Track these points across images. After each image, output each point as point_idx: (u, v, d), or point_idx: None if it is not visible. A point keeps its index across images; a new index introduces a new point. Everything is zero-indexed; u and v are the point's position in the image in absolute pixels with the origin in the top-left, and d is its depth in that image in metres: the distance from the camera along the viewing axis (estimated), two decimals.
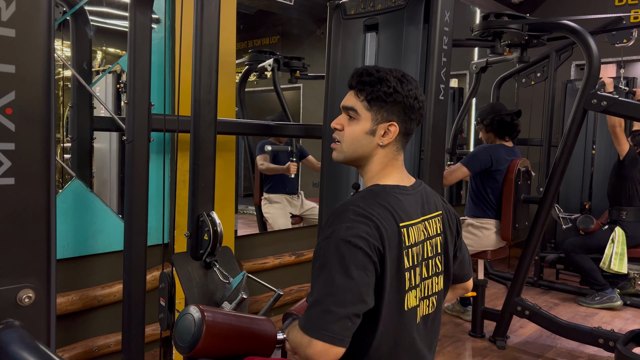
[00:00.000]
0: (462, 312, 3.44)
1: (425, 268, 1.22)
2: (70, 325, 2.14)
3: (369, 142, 1.22)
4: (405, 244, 1.15)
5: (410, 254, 1.17)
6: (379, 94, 1.19)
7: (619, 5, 4.56)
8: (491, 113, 3.13)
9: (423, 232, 1.22)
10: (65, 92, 2.28)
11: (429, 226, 1.25)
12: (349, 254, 1.07)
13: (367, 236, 1.09)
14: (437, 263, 1.27)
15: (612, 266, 3.51)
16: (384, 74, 1.21)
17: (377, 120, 1.21)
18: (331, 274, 1.07)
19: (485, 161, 3.00)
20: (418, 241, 1.19)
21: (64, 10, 2.15)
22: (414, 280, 1.18)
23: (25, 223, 0.87)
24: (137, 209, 1.84)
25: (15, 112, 0.84)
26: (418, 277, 1.19)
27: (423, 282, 1.22)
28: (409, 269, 1.16)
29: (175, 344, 1.31)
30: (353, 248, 1.07)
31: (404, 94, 1.20)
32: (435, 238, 1.27)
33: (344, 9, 2.24)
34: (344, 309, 1.05)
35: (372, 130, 1.21)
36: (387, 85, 1.19)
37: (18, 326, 0.84)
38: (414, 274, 1.18)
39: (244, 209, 4.93)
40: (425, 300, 1.24)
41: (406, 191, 1.23)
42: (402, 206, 1.18)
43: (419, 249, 1.19)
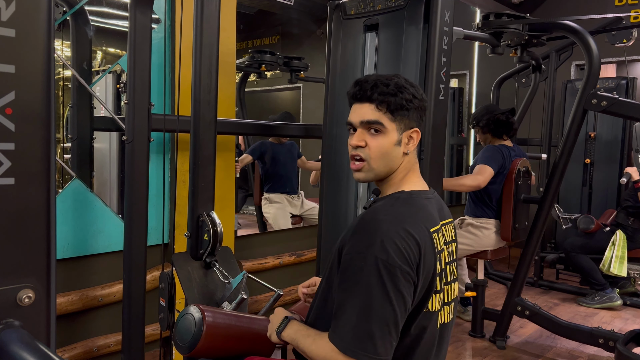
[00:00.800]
0: (462, 312, 3.44)
1: (447, 273, 1.21)
2: (70, 325, 2.14)
3: (397, 153, 1.20)
4: (438, 248, 1.15)
5: (441, 257, 1.17)
6: (402, 103, 1.17)
7: (619, 5, 4.56)
8: (486, 114, 3.13)
9: (444, 237, 1.21)
10: (65, 92, 2.28)
11: (446, 232, 1.24)
12: (388, 278, 1.04)
13: (404, 251, 1.06)
14: (454, 269, 1.26)
15: (611, 269, 3.51)
16: (398, 81, 1.19)
17: (401, 129, 1.19)
18: (370, 296, 1.05)
19: (501, 158, 3.00)
20: (444, 245, 1.19)
21: (64, 10, 2.15)
22: (439, 285, 1.16)
23: (25, 223, 0.87)
24: (137, 209, 1.84)
25: (15, 112, 0.84)
26: (442, 282, 1.18)
27: (445, 288, 1.21)
28: (439, 273, 1.15)
29: (176, 344, 1.31)
30: (392, 270, 1.05)
31: (420, 98, 1.21)
32: (452, 244, 1.26)
33: (344, 9, 2.24)
34: (387, 330, 1.05)
35: (399, 140, 1.19)
36: (407, 92, 1.18)
37: (18, 326, 0.84)
38: (440, 278, 1.17)
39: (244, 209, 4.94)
40: (446, 307, 1.22)
41: (428, 196, 1.23)
42: (429, 211, 1.18)
43: (444, 255, 1.19)
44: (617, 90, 4.10)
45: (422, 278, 1.10)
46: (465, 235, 3.09)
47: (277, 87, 6.60)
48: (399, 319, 1.06)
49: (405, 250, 1.06)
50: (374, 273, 1.04)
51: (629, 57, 4.26)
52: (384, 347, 1.05)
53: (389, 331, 1.05)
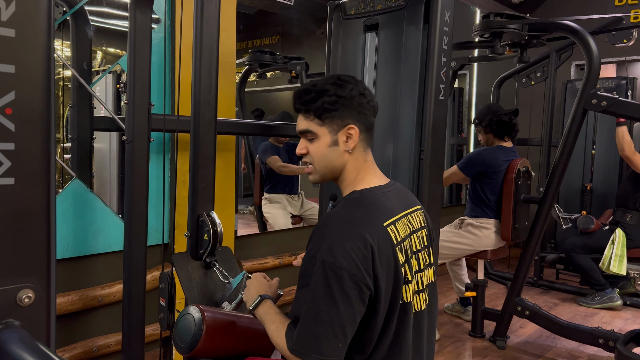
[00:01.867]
0: (462, 312, 3.44)
1: (416, 261, 1.25)
2: (70, 325, 2.14)
3: (336, 153, 1.24)
4: (397, 240, 1.17)
5: (402, 249, 1.19)
6: (325, 107, 1.21)
7: (619, 5, 4.56)
8: (489, 114, 3.13)
9: (408, 226, 1.24)
10: (65, 92, 2.27)
11: (413, 220, 1.27)
12: (334, 281, 1.08)
13: (352, 254, 1.09)
14: (426, 255, 1.30)
15: (611, 267, 3.51)
16: (321, 85, 1.23)
17: (334, 130, 1.23)
18: (316, 299, 1.09)
19: (480, 165, 3.02)
20: (405, 236, 1.21)
21: (64, 10, 2.15)
22: (409, 274, 1.20)
23: (25, 223, 0.87)
24: (137, 209, 1.84)
25: (15, 112, 0.84)
26: (412, 271, 1.21)
27: (416, 275, 1.24)
28: (402, 264, 1.18)
29: (175, 344, 1.31)
30: (338, 273, 1.08)
31: (348, 95, 1.22)
32: (421, 231, 1.29)
33: (344, 9, 2.24)
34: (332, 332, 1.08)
35: (333, 141, 1.23)
36: (328, 94, 1.21)
37: (18, 326, 0.84)
38: (409, 267, 1.20)
39: (244, 209, 4.94)
40: (421, 294, 1.25)
41: (384, 189, 1.26)
42: (384, 204, 1.21)
43: (407, 243, 1.21)
44: (617, 90, 4.10)
45: (381, 275, 1.12)
46: (465, 235, 3.09)
47: (277, 87, 6.60)
48: (345, 321, 1.09)
49: (354, 253, 1.09)
50: (321, 276, 1.09)
51: (629, 57, 4.26)
52: (330, 348, 1.09)
53: (334, 333, 1.08)
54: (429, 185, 1.90)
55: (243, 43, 6.68)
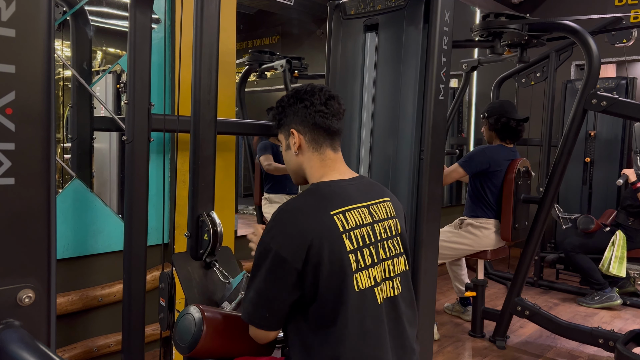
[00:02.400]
0: (462, 312, 3.44)
1: (382, 250, 1.28)
2: (70, 325, 2.14)
3: (290, 156, 1.37)
4: (345, 228, 1.21)
5: (352, 236, 1.22)
6: (275, 117, 1.37)
7: (619, 5, 4.56)
8: (498, 113, 3.10)
9: (369, 216, 1.28)
10: (65, 92, 2.27)
11: (378, 210, 1.31)
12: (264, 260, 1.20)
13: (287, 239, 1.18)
14: (396, 244, 1.33)
15: (611, 269, 3.51)
16: (278, 101, 1.37)
17: (286, 136, 1.36)
18: (253, 273, 1.24)
19: (482, 163, 3.00)
20: (362, 224, 1.25)
21: (64, 10, 2.15)
22: (362, 262, 1.22)
23: (25, 223, 0.87)
24: (137, 209, 1.84)
25: (15, 112, 0.84)
26: (369, 258, 1.24)
27: (381, 264, 1.27)
28: (353, 251, 1.21)
29: (176, 344, 1.31)
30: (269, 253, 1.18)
31: (287, 102, 1.34)
32: (388, 221, 1.33)
33: (344, 9, 2.24)
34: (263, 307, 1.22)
35: (287, 145, 1.36)
36: (276, 107, 1.36)
37: (18, 326, 0.84)
38: (361, 255, 1.22)
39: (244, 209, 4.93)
40: (388, 282, 1.28)
41: (342, 182, 1.31)
42: (337, 194, 1.26)
43: (364, 231, 1.25)
44: (617, 90, 4.11)
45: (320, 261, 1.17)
46: (465, 235, 3.09)
47: (277, 87, 6.60)
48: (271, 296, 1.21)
49: (289, 238, 1.18)
50: (257, 253, 1.23)
51: (628, 57, 4.27)
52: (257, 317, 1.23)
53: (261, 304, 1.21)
54: (429, 185, 1.90)
55: (243, 43, 6.69)
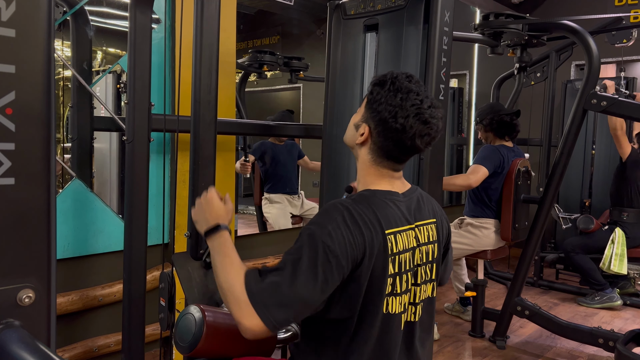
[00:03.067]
0: (462, 312, 3.44)
1: (414, 275, 1.22)
2: (70, 325, 2.14)
3: (352, 134, 1.25)
4: (392, 251, 1.15)
5: (397, 260, 1.16)
6: (373, 95, 1.21)
7: (619, 5, 4.56)
8: (490, 113, 3.13)
9: (414, 240, 1.21)
10: (65, 92, 2.27)
11: (421, 233, 1.24)
12: (323, 259, 1.07)
13: (346, 244, 1.09)
14: (428, 271, 1.26)
15: (611, 267, 3.51)
16: (390, 79, 1.19)
17: (363, 118, 1.22)
18: (300, 266, 1.07)
19: (497, 159, 3.00)
20: (407, 248, 1.19)
21: (64, 10, 2.15)
22: (399, 287, 1.17)
23: (25, 223, 0.87)
24: (137, 209, 1.84)
25: (15, 112, 0.84)
26: (405, 284, 1.19)
27: (413, 289, 1.22)
28: (393, 275, 1.16)
29: (176, 344, 1.31)
30: (329, 255, 1.07)
31: (385, 107, 1.17)
32: (428, 245, 1.25)
33: (344, 9, 2.24)
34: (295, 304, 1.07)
35: (357, 124, 1.24)
36: (381, 89, 1.19)
37: (18, 326, 0.84)
38: (399, 280, 1.17)
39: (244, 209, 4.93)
40: (411, 307, 1.23)
41: (397, 197, 1.22)
42: (392, 212, 1.18)
43: (407, 256, 1.19)
44: (617, 93, 4.10)
45: (364, 271, 1.11)
46: (464, 235, 3.09)
47: (277, 87, 6.60)
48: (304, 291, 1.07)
49: (346, 238, 1.09)
50: (313, 249, 1.08)
51: (628, 57, 4.27)
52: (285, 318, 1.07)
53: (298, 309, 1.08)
54: (429, 185, 1.90)
55: (243, 43, 6.68)
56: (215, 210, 1.28)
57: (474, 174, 2.93)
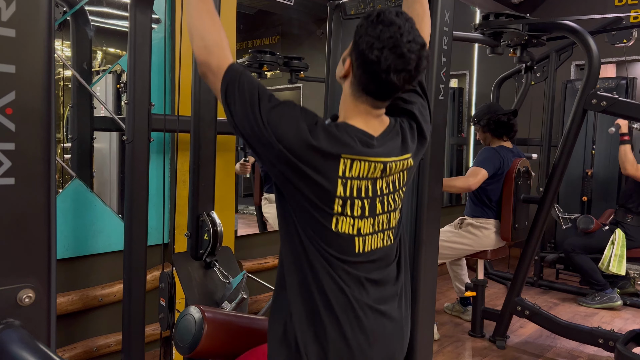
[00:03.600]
0: (462, 312, 3.44)
1: (380, 204, 1.20)
2: (70, 325, 2.14)
3: (340, 68, 1.23)
4: (345, 174, 1.13)
5: (349, 184, 1.14)
6: (357, 28, 1.18)
7: (619, 5, 4.56)
8: (487, 113, 3.13)
9: (381, 171, 1.18)
10: (65, 92, 2.27)
11: (394, 166, 1.21)
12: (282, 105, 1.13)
13: (303, 123, 1.11)
14: (397, 198, 1.24)
15: (610, 268, 3.51)
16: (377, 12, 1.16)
17: (348, 51, 1.21)
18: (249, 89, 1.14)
19: (498, 161, 3.00)
20: (365, 177, 1.16)
21: (64, 10, 2.15)
22: (350, 210, 1.15)
23: (25, 223, 0.87)
24: (137, 209, 1.84)
25: (15, 112, 0.84)
26: (359, 210, 1.17)
27: (375, 217, 1.20)
28: (343, 197, 1.14)
29: (176, 345, 1.31)
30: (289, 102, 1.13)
31: (364, 37, 1.14)
32: (398, 174, 1.23)
33: (344, 9, 2.24)
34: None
35: (343, 57, 1.22)
36: (363, 21, 1.17)
37: (18, 326, 0.84)
38: (351, 204, 1.15)
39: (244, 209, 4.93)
40: (379, 234, 1.22)
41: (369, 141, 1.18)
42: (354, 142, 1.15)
43: (365, 184, 1.17)
44: (617, 90, 4.10)
45: (304, 173, 1.11)
46: (465, 235, 3.09)
47: (277, 87, 6.59)
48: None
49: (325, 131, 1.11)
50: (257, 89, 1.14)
51: (628, 57, 4.27)
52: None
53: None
54: (429, 185, 1.90)
55: (243, 43, 6.67)
56: None
57: (473, 177, 2.94)
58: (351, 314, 1.16)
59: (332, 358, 1.15)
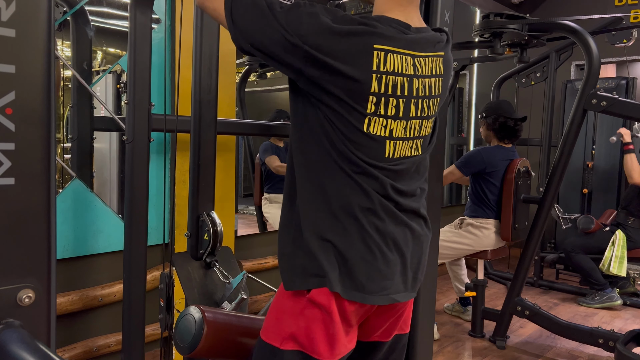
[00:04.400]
0: (462, 312, 3.44)
1: (415, 106, 1.15)
2: (70, 325, 2.14)
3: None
4: (379, 68, 1.08)
5: (384, 80, 1.09)
6: None
7: (619, 5, 4.56)
8: (496, 112, 3.11)
9: (412, 67, 1.13)
10: (65, 92, 2.27)
11: (424, 64, 1.16)
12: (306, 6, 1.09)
13: (326, 17, 1.08)
14: (431, 105, 1.19)
15: (611, 269, 3.51)
16: None
17: None
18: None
19: (479, 164, 3.02)
20: (400, 72, 1.11)
21: (64, 10, 2.15)
22: (383, 109, 1.11)
23: (25, 223, 0.87)
24: (137, 209, 1.84)
25: (15, 112, 0.84)
26: (394, 110, 1.12)
27: (408, 121, 1.15)
28: (377, 94, 1.09)
29: (176, 345, 1.31)
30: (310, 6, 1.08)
31: None
32: (432, 79, 1.18)
33: (344, 9, 2.24)
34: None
35: None
36: None
37: (18, 326, 0.84)
38: (386, 102, 1.10)
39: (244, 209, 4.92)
40: (409, 142, 1.17)
41: (406, 29, 1.14)
42: (391, 33, 1.11)
43: (400, 80, 1.11)
44: (617, 90, 4.11)
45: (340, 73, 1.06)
46: (465, 235, 3.09)
47: (277, 87, 6.59)
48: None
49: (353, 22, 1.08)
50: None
51: (629, 57, 4.27)
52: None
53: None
54: (429, 185, 1.90)
55: None
56: None
57: (445, 174, 3.05)
58: (373, 217, 1.12)
59: (350, 257, 1.10)
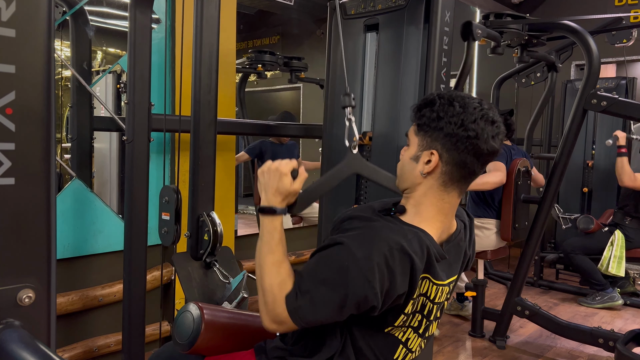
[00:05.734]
0: (460, 308, 3.43)
1: (427, 317, 1.20)
2: (70, 325, 2.14)
3: (412, 169, 1.15)
4: (417, 293, 1.11)
5: (418, 302, 1.13)
6: (424, 119, 1.13)
7: (619, 5, 4.56)
8: None
9: (437, 292, 1.16)
10: (65, 92, 2.28)
11: (448, 287, 1.20)
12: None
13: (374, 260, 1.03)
14: (438, 312, 1.24)
15: (610, 269, 3.51)
16: (437, 96, 1.13)
17: (422, 147, 1.13)
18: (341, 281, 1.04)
19: (506, 156, 3.00)
20: (430, 296, 1.15)
21: (64, 10, 2.15)
22: (408, 322, 1.15)
23: (25, 223, 0.87)
24: (137, 209, 1.84)
25: (15, 112, 0.84)
26: (417, 322, 1.17)
27: (420, 327, 1.20)
28: (407, 313, 1.13)
29: (174, 342, 1.30)
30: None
31: (447, 120, 1.09)
32: (447, 286, 1.21)
33: (344, 9, 2.24)
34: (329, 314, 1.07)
35: (416, 156, 1.15)
36: (431, 109, 1.12)
37: (18, 326, 0.84)
38: (412, 318, 1.15)
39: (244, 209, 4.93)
40: (419, 340, 1.22)
41: (440, 255, 1.14)
42: (431, 262, 1.11)
43: (425, 303, 1.15)
44: (616, 90, 4.10)
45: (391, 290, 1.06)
46: None
47: (277, 87, 6.60)
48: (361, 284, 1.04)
49: (377, 262, 1.03)
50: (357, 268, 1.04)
51: (628, 57, 4.27)
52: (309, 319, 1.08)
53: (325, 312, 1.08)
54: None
55: (243, 43, 6.69)
56: (280, 187, 1.24)
57: (499, 170, 2.90)
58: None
59: None
